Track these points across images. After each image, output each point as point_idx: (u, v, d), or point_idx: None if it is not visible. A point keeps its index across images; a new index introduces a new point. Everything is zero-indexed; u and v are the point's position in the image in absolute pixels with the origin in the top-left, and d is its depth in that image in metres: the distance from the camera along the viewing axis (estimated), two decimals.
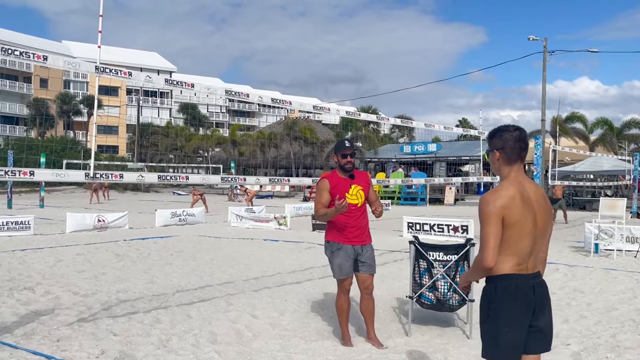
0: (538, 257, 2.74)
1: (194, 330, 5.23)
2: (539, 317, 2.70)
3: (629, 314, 6.10)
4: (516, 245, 2.62)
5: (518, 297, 2.63)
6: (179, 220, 16.38)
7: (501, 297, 2.64)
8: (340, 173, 4.79)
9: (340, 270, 4.74)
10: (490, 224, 2.57)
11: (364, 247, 4.79)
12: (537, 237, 2.68)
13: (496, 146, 2.75)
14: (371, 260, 4.84)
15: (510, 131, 2.73)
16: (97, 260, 9.57)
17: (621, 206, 11.03)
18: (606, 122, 36.34)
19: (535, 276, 2.71)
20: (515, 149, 2.71)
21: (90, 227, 14.17)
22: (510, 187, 2.66)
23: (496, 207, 2.58)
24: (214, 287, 7.40)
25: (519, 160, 2.73)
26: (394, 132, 63.16)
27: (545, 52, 25.07)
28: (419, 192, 30.74)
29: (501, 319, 2.64)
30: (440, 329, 5.45)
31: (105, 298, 6.63)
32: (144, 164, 41.24)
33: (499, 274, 2.65)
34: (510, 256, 2.63)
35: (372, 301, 4.89)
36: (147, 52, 79.87)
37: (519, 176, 2.72)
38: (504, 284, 2.64)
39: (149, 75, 4.96)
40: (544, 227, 2.71)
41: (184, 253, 10.58)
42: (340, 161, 4.78)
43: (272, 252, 10.87)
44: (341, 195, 4.63)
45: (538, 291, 2.69)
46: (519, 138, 2.71)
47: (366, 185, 4.82)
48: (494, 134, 2.79)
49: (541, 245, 2.75)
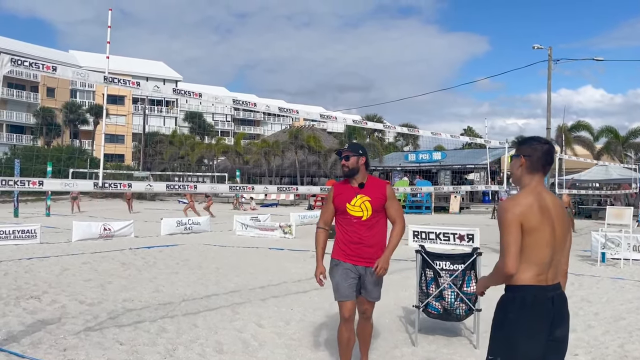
0: (558, 268, 2.73)
1: (200, 340, 5.23)
2: (558, 329, 2.68)
3: (637, 323, 6.06)
4: (535, 255, 2.61)
5: (537, 308, 2.61)
6: (185, 229, 16.40)
7: (519, 308, 2.62)
8: (351, 181, 4.15)
9: (337, 292, 4.09)
10: (510, 230, 2.58)
11: (368, 269, 4.03)
12: (556, 247, 2.67)
13: (524, 152, 2.75)
14: (373, 285, 4.09)
15: (542, 143, 2.77)
16: (103, 269, 9.59)
17: (628, 215, 10.98)
18: (611, 131, 36.22)
19: (555, 288, 2.69)
20: (542, 160, 2.72)
21: (96, 236, 14.21)
22: (529, 196, 2.66)
23: (515, 214, 2.59)
24: (220, 296, 7.40)
25: (542, 172, 2.74)
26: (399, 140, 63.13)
27: (550, 61, 25.06)
28: (424, 201, 30.68)
29: (519, 331, 2.61)
30: (447, 339, 5.43)
31: (112, 307, 6.64)
32: (150, 173, 41.39)
33: (518, 284, 2.64)
34: (529, 266, 2.62)
35: (369, 325, 4.31)
36: (153, 62, 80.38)
37: (539, 187, 2.72)
38: (523, 294, 2.62)
39: (157, 85, 5.00)
40: (562, 238, 2.70)
41: (189, 262, 10.59)
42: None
43: (277, 261, 10.87)
44: (342, 205, 4.05)
45: (557, 303, 2.67)
46: (548, 151, 2.74)
47: (378, 196, 4.06)
48: (525, 141, 2.81)
49: (561, 257, 2.74)
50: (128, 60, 72.05)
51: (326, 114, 7.25)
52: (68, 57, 67.54)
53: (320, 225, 4.23)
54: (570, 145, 33.84)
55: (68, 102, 61.44)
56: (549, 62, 25.10)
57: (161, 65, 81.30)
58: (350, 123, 8.34)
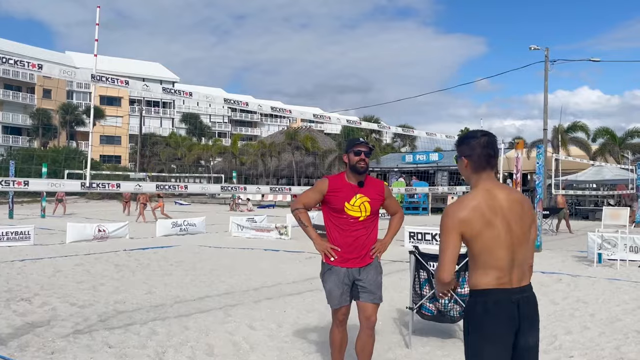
0: (525, 268, 2.56)
1: (190, 342, 5.16)
2: (526, 336, 2.49)
3: (633, 325, 6.00)
4: (491, 257, 2.45)
5: (499, 313, 2.43)
6: (180, 230, 16.31)
7: (480, 314, 2.45)
8: (349, 177, 3.87)
9: (329, 298, 3.90)
10: (446, 237, 2.44)
11: (362, 269, 3.85)
12: (515, 246, 2.48)
13: (463, 153, 2.58)
14: (373, 285, 3.87)
15: (478, 137, 2.56)
16: (96, 270, 9.51)
17: (624, 215, 10.94)
18: (608, 132, 36.23)
19: (521, 290, 2.50)
20: (483, 156, 2.53)
21: (90, 237, 14.11)
22: (477, 196, 2.48)
23: (455, 220, 2.43)
24: (213, 297, 7.32)
25: (488, 167, 2.55)
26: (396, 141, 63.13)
27: (547, 62, 25.07)
28: (420, 202, 30.65)
29: (482, 338, 2.47)
30: (441, 341, 5.37)
31: (103, 309, 6.56)
32: (146, 174, 41.27)
33: (478, 289, 2.50)
34: (487, 270, 2.46)
35: (371, 339, 3.98)
36: (150, 63, 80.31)
37: (488, 184, 2.53)
38: (483, 299, 2.46)
39: (146, 84, 4.93)
40: (522, 235, 2.50)
41: (184, 263, 10.51)
42: (351, 160, 3.83)
43: (272, 262, 10.80)
44: (339, 204, 3.80)
45: (524, 307, 2.48)
46: (486, 144, 2.54)
47: (377, 197, 3.91)
48: (462, 141, 2.62)
49: (525, 254, 2.55)
50: (125, 61, 72.02)
51: (320, 114, 7.20)
52: (64, 58, 67.38)
53: (299, 206, 3.92)
54: (566, 146, 33.84)
55: (64, 103, 61.32)
56: (545, 63, 25.11)
57: (158, 66, 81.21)
58: (345, 123, 8.28)
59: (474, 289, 2.51)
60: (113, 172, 40.01)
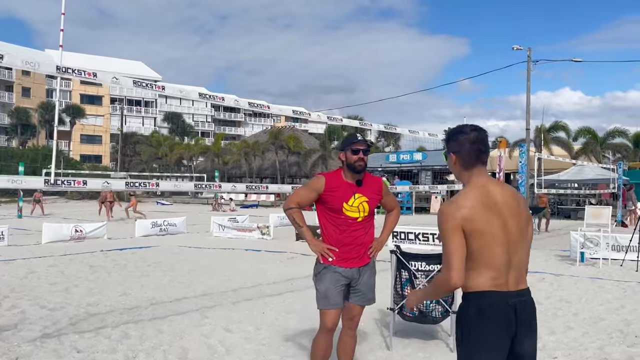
0: (522, 271, 2.41)
1: (163, 346, 4.96)
2: (523, 342, 2.33)
3: (617, 324, 5.94)
4: (487, 256, 2.30)
5: (493, 318, 2.28)
6: (160, 230, 16.02)
7: (474, 318, 2.30)
8: (347, 175, 3.66)
9: (325, 299, 3.61)
10: (451, 239, 2.27)
11: (361, 269, 3.68)
12: (511, 244, 2.33)
13: (452, 149, 2.45)
14: (367, 287, 3.72)
15: (467, 133, 2.42)
16: (70, 272, 9.24)
17: (607, 214, 10.94)
18: (589, 131, 36.65)
19: (518, 294, 2.34)
20: (473, 152, 2.40)
21: (67, 238, 13.76)
22: (470, 195, 2.34)
23: (455, 219, 2.27)
24: (190, 299, 7.12)
25: (479, 163, 2.42)
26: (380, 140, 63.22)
27: (529, 62, 25.20)
28: (404, 201, 30.62)
29: (475, 343, 2.31)
30: (422, 342, 5.24)
31: (74, 312, 6.32)
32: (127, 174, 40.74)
33: (472, 291, 2.34)
34: (482, 270, 2.31)
35: (353, 340, 3.87)
36: (132, 62, 79.37)
37: (480, 180, 2.39)
38: (478, 302, 2.31)
39: (115, 77, 4.73)
40: (518, 233, 2.37)
41: (162, 264, 10.26)
42: (349, 159, 3.62)
43: (253, 263, 10.60)
44: (337, 204, 3.59)
45: (521, 312, 2.32)
46: (476, 140, 2.40)
47: (375, 196, 3.73)
48: (450, 137, 2.48)
49: (521, 255, 2.41)
50: (106, 60, 71.04)
51: (300, 110, 7.05)
52: (44, 56, 66.35)
53: (292, 205, 3.68)
54: (548, 146, 34.10)
55: (44, 102, 60.34)
56: (528, 63, 25.24)
57: (140, 65, 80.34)
58: (325, 120, 8.14)
59: (467, 291, 2.35)
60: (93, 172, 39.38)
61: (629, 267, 9.85)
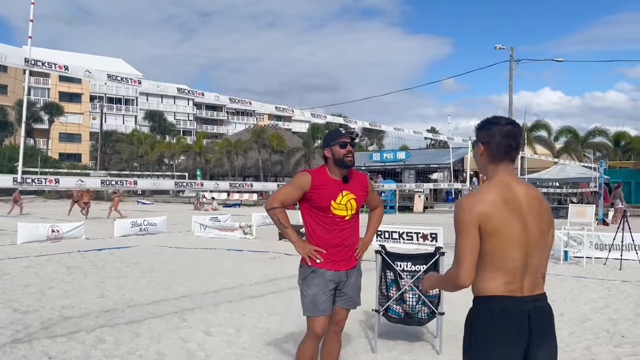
0: (537, 275, 2.28)
1: (139, 351, 4.76)
2: (538, 351, 2.19)
3: (603, 324, 5.88)
4: (502, 259, 2.18)
5: (505, 324, 2.15)
6: (140, 230, 15.70)
7: (485, 324, 2.17)
8: (332, 172, 3.48)
9: (314, 305, 3.40)
10: (466, 234, 2.16)
11: (349, 271, 3.51)
12: (530, 247, 2.20)
13: (481, 139, 2.33)
14: (354, 290, 3.56)
15: (501, 124, 2.29)
16: (45, 273, 8.96)
17: (590, 213, 10.95)
18: (570, 131, 37.03)
19: (534, 299, 2.21)
20: (502, 146, 2.28)
21: (43, 238, 13.40)
22: (492, 190, 2.22)
23: (472, 213, 2.15)
24: (170, 301, 6.91)
25: (507, 159, 2.30)
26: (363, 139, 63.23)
27: (512, 61, 25.34)
28: (388, 200, 30.58)
29: (484, 351, 2.18)
30: (408, 344, 5.11)
31: (48, 315, 6.09)
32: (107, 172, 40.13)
33: (484, 295, 2.21)
34: (496, 273, 2.19)
35: (338, 344, 3.71)
36: (112, 59, 78.22)
37: (505, 177, 2.28)
38: (489, 307, 2.18)
39: (88, 70, 4.52)
40: (538, 236, 2.24)
41: (141, 265, 10.01)
42: (337, 153, 3.44)
43: (235, 263, 10.40)
44: (325, 202, 3.40)
45: (535, 318, 2.18)
46: (508, 134, 2.27)
47: (362, 193, 3.56)
48: (482, 126, 2.36)
49: (540, 259, 2.28)
50: (85, 57, 69.94)
51: (282, 107, 6.88)
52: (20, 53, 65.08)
53: (275, 205, 3.45)
54: (531, 145, 34.37)
55: (21, 99, 59.16)
56: (510, 62, 25.39)
57: (120, 62, 79.22)
58: (309, 117, 7.99)
59: (479, 294, 2.22)
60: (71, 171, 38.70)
61: (613, 266, 9.85)
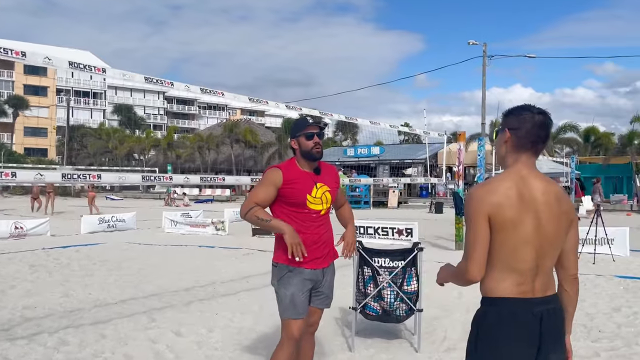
0: (550, 276, 2.13)
1: (105, 354, 4.51)
2: (549, 355, 2.05)
3: (580, 319, 5.84)
4: (512, 258, 2.03)
5: (516, 327, 2.01)
6: (108, 227, 15.26)
7: (492, 326, 2.03)
8: (302, 164, 3.27)
9: (292, 307, 3.18)
10: (474, 226, 2.02)
11: (324, 270, 3.32)
12: (544, 248, 2.05)
13: (510, 125, 2.15)
14: (329, 288, 3.40)
15: (533, 112, 2.12)
16: (7, 272, 8.57)
17: None
18: None
19: (546, 301, 2.06)
20: (531, 135, 2.10)
21: (6, 235, 12.90)
22: (506, 181, 2.06)
23: (483, 204, 2.01)
24: (138, 300, 6.65)
25: (531, 150, 2.12)
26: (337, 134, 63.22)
27: (485, 57, 25.55)
28: (362, 195, 30.58)
29: (491, 355, 2.04)
30: (386, 342, 4.98)
31: (8, 316, 5.78)
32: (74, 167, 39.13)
33: (493, 296, 2.06)
34: (506, 273, 2.04)
35: (313, 346, 3.54)
36: (79, 51, 76.26)
37: (524, 169, 2.10)
38: (497, 309, 2.04)
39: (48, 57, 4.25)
40: (554, 236, 2.07)
41: (108, 262, 9.68)
42: (304, 145, 3.22)
43: (207, 260, 10.15)
44: (300, 197, 3.20)
45: (548, 322, 2.04)
46: (540, 124, 2.11)
47: (335, 185, 3.37)
48: (513, 111, 2.18)
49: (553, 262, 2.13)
50: (51, 49, 67.99)
51: (255, 98, 6.68)
52: None
53: (252, 206, 3.17)
54: None
55: None
56: (483, 57, 25.61)
57: (88, 54, 77.33)
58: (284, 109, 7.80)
59: (487, 295, 2.08)
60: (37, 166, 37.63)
61: (586, 260, 9.92)
